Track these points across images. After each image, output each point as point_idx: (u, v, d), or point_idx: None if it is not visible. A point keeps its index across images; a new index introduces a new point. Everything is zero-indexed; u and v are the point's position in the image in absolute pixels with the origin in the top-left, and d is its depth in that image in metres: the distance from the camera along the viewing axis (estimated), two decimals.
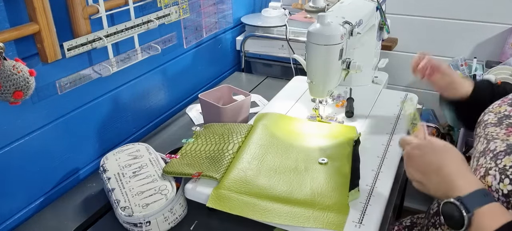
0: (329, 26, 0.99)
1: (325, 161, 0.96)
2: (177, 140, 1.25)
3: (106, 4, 1.04)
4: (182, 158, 0.98)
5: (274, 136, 1.06)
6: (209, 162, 0.95)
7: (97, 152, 1.17)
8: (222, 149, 0.99)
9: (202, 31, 1.50)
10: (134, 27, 1.13)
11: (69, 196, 1.03)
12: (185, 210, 0.92)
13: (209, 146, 1.02)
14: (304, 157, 0.98)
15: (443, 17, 1.78)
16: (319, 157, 0.98)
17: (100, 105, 1.15)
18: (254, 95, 1.47)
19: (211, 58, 1.64)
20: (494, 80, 1.52)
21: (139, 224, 0.85)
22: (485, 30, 1.73)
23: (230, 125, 1.10)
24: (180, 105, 1.49)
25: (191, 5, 1.37)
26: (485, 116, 0.79)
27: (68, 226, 0.93)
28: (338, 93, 1.27)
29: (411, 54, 1.90)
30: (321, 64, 1.03)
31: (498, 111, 0.77)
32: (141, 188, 0.90)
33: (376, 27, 1.28)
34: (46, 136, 1.00)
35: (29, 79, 0.82)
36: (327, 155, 0.99)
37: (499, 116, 0.75)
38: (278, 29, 1.67)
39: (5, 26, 0.85)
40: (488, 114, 0.78)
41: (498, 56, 1.73)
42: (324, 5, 1.53)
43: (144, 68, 1.28)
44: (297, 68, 1.65)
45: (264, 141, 1.03)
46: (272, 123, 1.11)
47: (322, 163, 0.96)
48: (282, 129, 1.10)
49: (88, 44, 1.01)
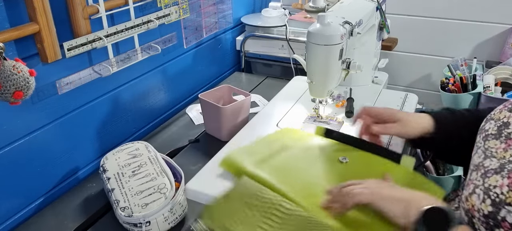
0: (329, 26, 0.99)
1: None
2: (177, 140, 1.25)
3: (106, 4, 1.04)
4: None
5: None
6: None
7: (97, 152, 1.17)
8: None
9: (202, 31, 1.50)
10: (134, 27, 1.13)
11: (69, 196, 1.03)
12: (185, 210, 0.92)
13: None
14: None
15: (443, 17, 1.78)
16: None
17: (100, 105, 1.15)
18: (254, 95, 1.47)
19: (211, 58, 1.64)
20: (494, 80, 1.53)
21: (139, 224, 0.85)
22: (485, 30, 1.73)
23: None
24: (180, 105, 1.49)
25: (191, 5, 1.37)
26: (487, 124, 0.75)
27: (68, 226, 0.93)
28: (338, 93, 1.27)
29: (411, 54, 1.91)
30: (321, 64, 1.03)
31: (498, 119, 0.73)
32: (140, 187, 0.90)
33: (376, 27, 1.28)
34: (46, 136, 1.00)
35: (29, 79, 0.82)
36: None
37: (498, 124, 0.72)
38: (278, 29, 1.67)
39: (5, 26, 0.85)
40: (489, 122, 0.75)
41: (498, 56, 1.73)
42: (324, 5, 1.53)
43: (144, 68, 1.28)
44: (297, 68, 1.65)
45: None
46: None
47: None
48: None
49: (88, 44, 1.01)
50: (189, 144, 1.23)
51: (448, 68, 1.65)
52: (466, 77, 1.53)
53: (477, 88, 1.49)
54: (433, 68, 1.88)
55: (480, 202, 0.61)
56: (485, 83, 1.50)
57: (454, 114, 0.87)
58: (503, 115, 0.73)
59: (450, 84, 1.57)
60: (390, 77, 1.53)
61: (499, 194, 0.59)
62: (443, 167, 1.25)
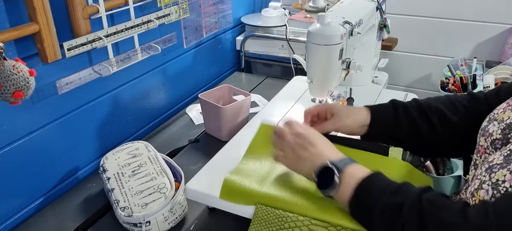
0: (329, 26, 0.99)
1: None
2: (177, 140, 1.25)
3: (106, 4, 1.04)
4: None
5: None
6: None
7: (97, 152, 1.17)
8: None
9: (202, 31, 1.50)
10: (134, 27, 1.13)
11: (69, 196, 1.03)
12: (185, 210, 0.92)
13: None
14: None
15: (443, 17, 1.78)
16: None
17: (100, 105, 1.15)
18: (254, 95, 1.47)
19: (211, 58, 1.64)
20: (494, 80, 1.52)
21: (139, 224, 0.85)
22: (485, 30, 1.73)
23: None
24: (180, 105, 1.49)
25: (191, 5, 1.37)
26: (490, 125, 0.73)
27: (68, 226, 0.93)
28: (338, 93, 1.27)
29: (411, 54, 1.91)
30: (321, 64, 1.03)
31: (501, 120, 0.71)
32: (140, 187, 0.90)
33: (376, 27, 1.28)
34: (46, 136, 1.00)
35: (29, 79, 0.82)
36: None
37: (502, 126, 0.70)
38: (278, 29, 1.67)
39: (5, 26, 0.85)
40: (493, 124, 0.72)
41: (498, 56, 1.73)
42: (324, 5, 1.53)
43: (144, 68, 1.28)
44: (297, 68, 1.65)
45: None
46: None
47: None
48: None
49: (88, 44, 1.01)
50: (189, 144, 1.23)
51: (448, 68, 1.65)
52: (466, 77, 1.53)
53: (477, 88, 1.49)
54: (433, 68, 1.88)
55: (489, 197, 0.62)
56: (485, 83, 1.50)
57: (396, 107, 0.87)
58: (507, 116, 0.71)
59: (450, 84, 1.57)
60: (390, 77, 1.53)
61: (508, 188, 0.59)
62: (443, 167, 1.25)
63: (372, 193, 0.67)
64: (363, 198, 0.68)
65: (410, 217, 0.61)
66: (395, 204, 0.63)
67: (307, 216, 0.74)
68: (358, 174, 0.69)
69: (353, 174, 0.70)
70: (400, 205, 0.63)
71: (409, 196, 0.64)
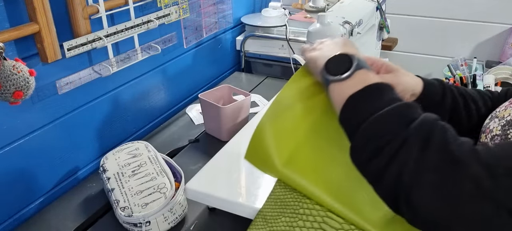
0: (329, 26, 0.99)
1: None
2: (177, 140, 1.26)
3: (106, 4, 1.04)
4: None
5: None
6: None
7: (97, 152, 1.17)
8: None
9: (202, 31, 1.50)
10: (134, 27, 1.13)
11: (69, 196, 1.03)
12: (185, 210, 0.92)
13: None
14: None
15: (443, 17, 1.78)
16: None
17: (100, 105, 1.15)
18: (254, 95, 1.47)
19: (211, 58, 1.64)
20: (494, 80, 1.52)
21: (139, 224, 0.85)
22: (485, 30, 1.73)
23: None
24: (180, 105, 1.49)
25: (191, 5, 1.37)
26: (491, 122, 0.73)
27: (68, 226, 0.93)
28: None
29: (411, 54, 1.91)
30: None
31: (502, 117, 0.72)
32: (140, 187, 0.90)
33: (376, 27, 1.28)
34: (46, 136, 1.00)
35: (29, 79, 0.82)
36: None
37: (502, 122, 0.71)
38: (278, 29, 1.67)
39: (5, 26, 0.85)
40: (493, 121, 0.73)
41: (498, 56, 1.73)
42: (324, 5, 1.53)
43: (144, 68, 1.28)
44: (297, 68, 1.65)
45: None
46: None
47: None
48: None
49: (88, 44, 1.01)
50: (189, 144, 1.23)
51: (448, 68, 1.65)
52: (466, 77, 1.53)
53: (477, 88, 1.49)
54: (433, 68, 1.88)
55: None
56: (485, 83, 1.50)
57: (445, 88, 0.85)
58: (508, 113, 0.72)
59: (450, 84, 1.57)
60: None
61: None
62: None
63: (383, 96, 0.57)
64: (371, 97, 0.57)
65: (418, 133, 0.51)
66: (407, 115, 0.54)
67: (325, 207, 0.66)
68: (377, 78, 0.60)
69: (372, 76, 0.60)
70: (411, 119, 0.53)
71: (426, 115, 0.54)
